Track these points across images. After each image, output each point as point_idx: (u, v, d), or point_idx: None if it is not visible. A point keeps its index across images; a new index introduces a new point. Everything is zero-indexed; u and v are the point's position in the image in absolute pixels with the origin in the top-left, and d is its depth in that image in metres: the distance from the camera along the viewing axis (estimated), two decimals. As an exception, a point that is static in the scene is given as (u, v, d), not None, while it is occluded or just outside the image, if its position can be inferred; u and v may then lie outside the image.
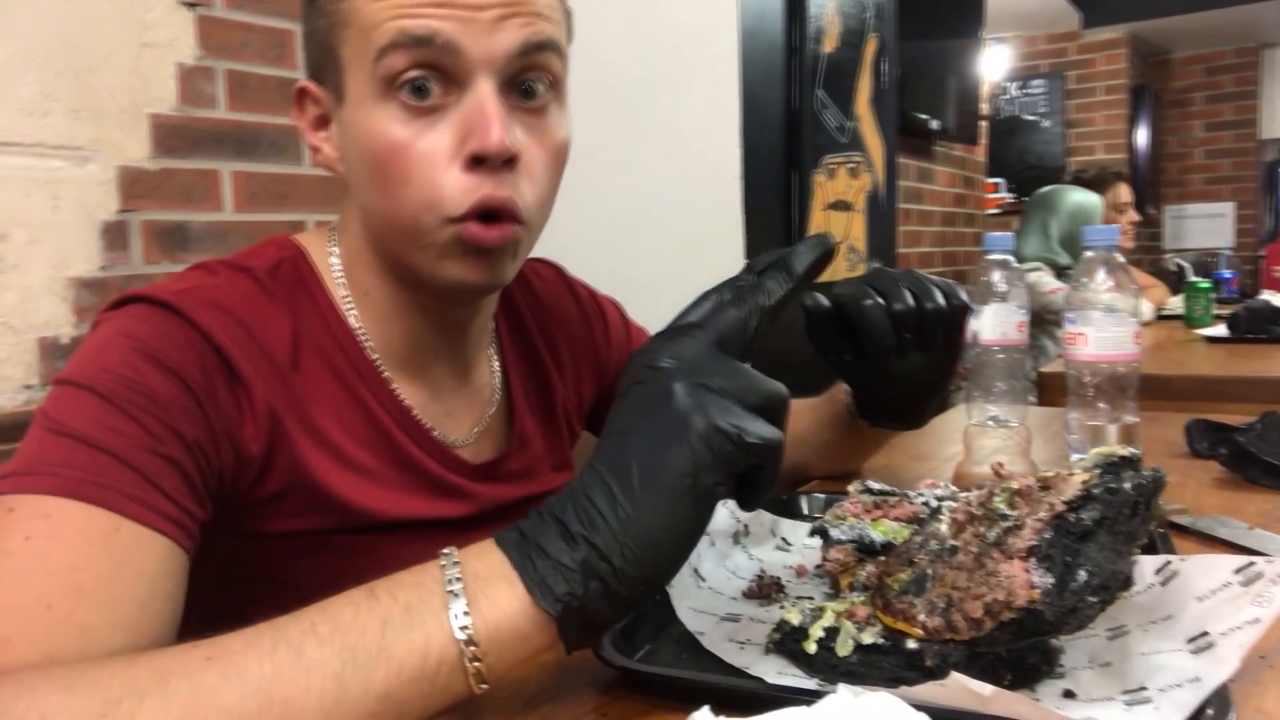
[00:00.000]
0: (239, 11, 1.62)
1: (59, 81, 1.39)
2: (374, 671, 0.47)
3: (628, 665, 0.57)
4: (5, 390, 1.34)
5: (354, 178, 0.71)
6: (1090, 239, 1.10)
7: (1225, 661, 0.50)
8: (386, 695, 0.47)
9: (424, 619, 0.49)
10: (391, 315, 0.75)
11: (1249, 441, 1.02)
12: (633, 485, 0.50)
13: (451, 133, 0.65)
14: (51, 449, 0.57)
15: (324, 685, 0.46)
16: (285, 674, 0.46)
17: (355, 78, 0.66)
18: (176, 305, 0.64)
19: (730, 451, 0.50)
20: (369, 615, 0.49)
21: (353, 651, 0.47)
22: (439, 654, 0.48)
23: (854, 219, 2.45)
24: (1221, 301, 3.50)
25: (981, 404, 1.07)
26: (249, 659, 0.46)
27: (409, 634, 0.48)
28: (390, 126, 0.65)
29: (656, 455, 0.51)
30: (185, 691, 0.45)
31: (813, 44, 2.20)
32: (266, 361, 0.68)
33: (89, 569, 0.53)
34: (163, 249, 1.51)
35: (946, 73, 3.64)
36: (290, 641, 0.47)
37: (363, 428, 0.72)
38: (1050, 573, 0.50)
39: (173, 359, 0.62)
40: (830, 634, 0.57)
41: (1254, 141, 6.69)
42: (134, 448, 0.57)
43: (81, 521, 0.54)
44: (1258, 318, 2.50)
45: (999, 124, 6.25)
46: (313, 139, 0.73)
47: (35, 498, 0.54)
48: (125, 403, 0.59)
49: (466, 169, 0.65)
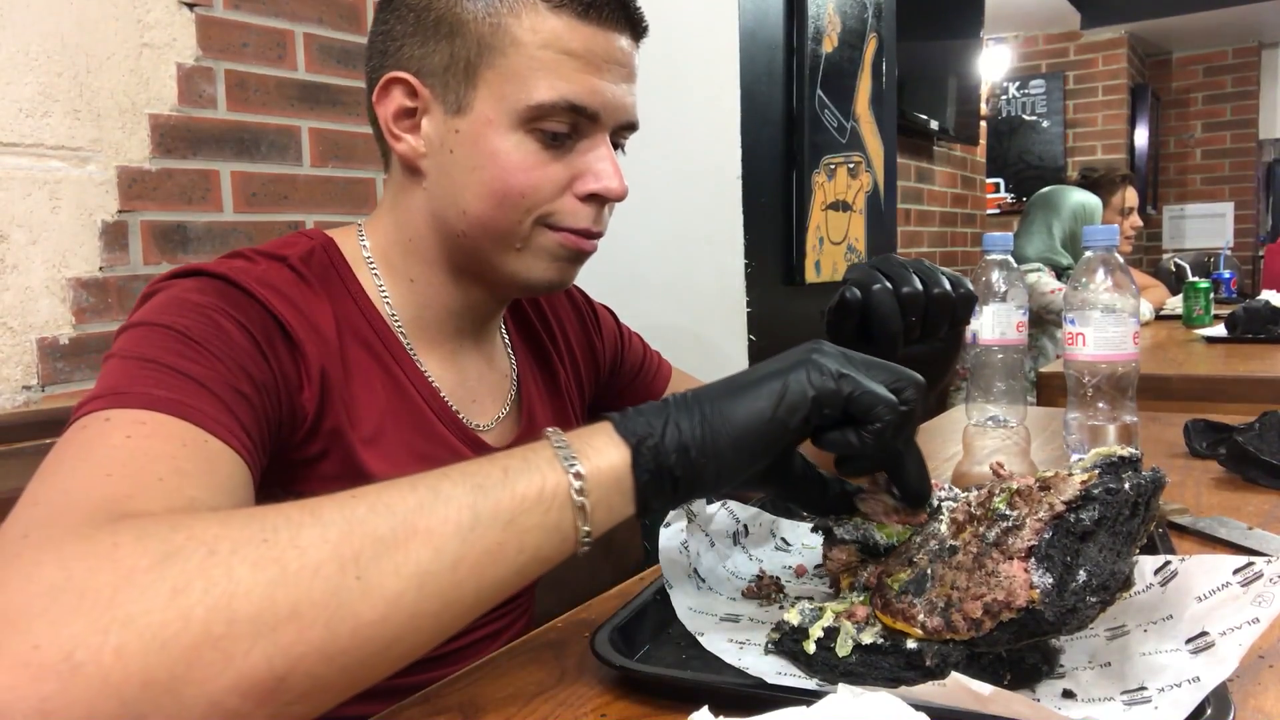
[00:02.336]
0: (238, 12, 1.62)
1: (59, 82, 1.39)
2: (500, 501, 0.52)
3: (628, 665, 0.57)
4: (4, 391, 1.34)
5: (451, 179, 0.77)
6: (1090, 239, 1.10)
7: (1225, 661, 0.50)
8: (511, 523, 0.52)
9: (539, 465, 0.54)
10: (432, 301, 0.82)
11: (1248, 441, 1.02)
12: (733, 383, 0.57)
13: (572, 169, 0.77)
14: (136, 374, 0.60)
15: (460, 514, 0.51)
16: (426, 505, 0.50)
17: (492, 103, 0.75)
18: (235, 278, 0.70)
19: (826, 385, 0.56)
20: (491, 465, 0.54)
21: (482, 488, 0.52)
22: (553, 489, 0.53)
23: (853, 219, 2.45)
24: (1220, 302, 3.50)
25: (981, 404, 1.07)
26: (393, 495, 0.51)
27: (528, 474, 0.53)
28: (520, 154, 0.75)
29: (764, 367, 0.58)
30: (339, 520, 0.48)
31: (812, 44, 2.20)
32: (316, 335, 0.73)
33: (188, 461, 0.57)
34: (162, 249, 1.51)
35: (946, 73, 3.64)
36: (426, 482, 0.52)
37: (396, 405, 0.78)
38: (1050, 573, 0.50)
39: (241, 315, 0.68)
40: (830, 634, 0.57)
41: (1253, 142, 6.69)
42: (214, 378, 0.62)
43: (175, 429, 0.58)
44: (1257, 318, 2.50)
45: (999, 124, 6.25)
46: (393, 127, 0.78)
47: (129, 411, 0.57)
48: (204, 340, 0.64)
49: (582, 200, 0.78)
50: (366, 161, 1.84)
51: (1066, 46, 6.25)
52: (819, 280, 2.29)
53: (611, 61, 0.76)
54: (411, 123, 0.78)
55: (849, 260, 2.44)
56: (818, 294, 2.33)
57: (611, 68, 0.76)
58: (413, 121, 0.77)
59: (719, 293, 2.02)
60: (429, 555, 0.49)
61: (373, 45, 0.80)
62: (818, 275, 2.28)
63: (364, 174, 1.84)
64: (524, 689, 0.58)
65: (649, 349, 1.09)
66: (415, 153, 0.78)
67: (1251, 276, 6.35)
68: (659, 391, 1.06)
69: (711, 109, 1.99)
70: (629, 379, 1.05)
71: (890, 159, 2.64)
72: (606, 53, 0.76)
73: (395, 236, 0.81)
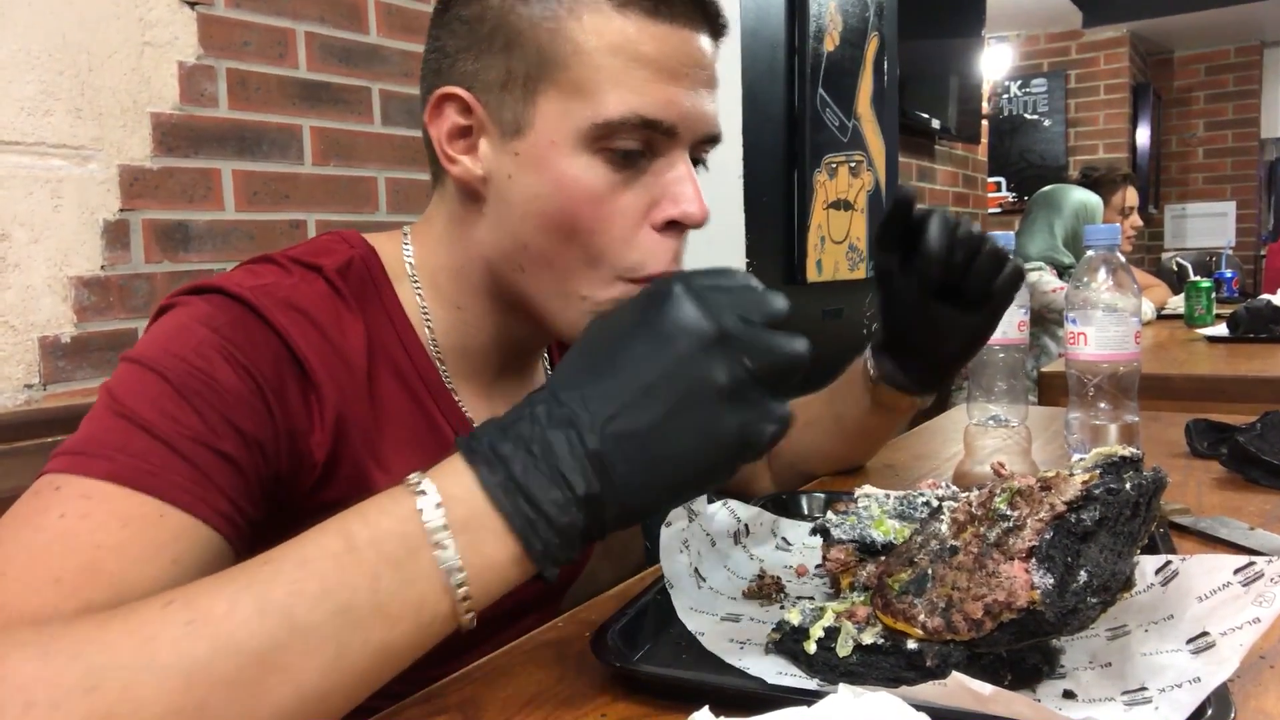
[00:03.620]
0: (240, 10, 1.62)
1: (60, 80, 1.39)
2: (371, 630, 0.47)
3: (628, 665, 0.57)
4: (5, 390, 1.34)
5: (511, 208, 0.69)
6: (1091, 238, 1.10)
7: (1226, 662, 0.50)
8: (384, 648, 0.48)
9: (416, 577, 0.48)
10: (477, 333, 0.75)
11: (1249, 441, 1.02)
12: (632, 396, 0.49)
13: (648, 194, 0.68)
14: (110, 430, 0.57)
15: (323, 647, 0.46)
16: (282, 642, 0.45)
17: (554, 121, 0.66)
18: (255, 303, 0.64)
19: (751, 339, 0.49)
20: (355, 571, 0.47)
21: (346, 613, 0.46)
22: (433, 609, 0.49)
23: (855, 218, 2.45)
24: (1222, 301, 3.49)
25: (982, 403, 1.07)
26: (237, 626, 0.45)
27: (403, 592, 0.48)
28: (590, 178, 0.66)
29: (658, 358, 0.49)
30: (174, 665, 0.43)
31: (814, 43, 2.19)
32: (342, 367, 0.67)
33: (115, 550, 0.52)
34: (163, 248, 1.51)
35: (948, 72, 3.64)
36: (278, 604, 0.45)
37: (426, 438, 0.72)
38: (1051, 573, 0.50)
39: (247, 354, 0.62)
40: (830, 634, 0.57)
41: (1255, 140, 6.68)
42: (192, 440, 0.57)
43: (122, 505, 0.53)
44: (1258, 317, 2.50)
45: (1000, 123, 6.25)
46: (448, 148, 0.70)
47: (82, 479, 0.54)
48: (190, 392, 0.58)
49: (661, 230, 0.69)
50: (368, 160, 1.84)
51: (1068, 45, 6.24)
52: (820, 279, 2.29)
53: (689, 65, 0.67)
54: (468, 143, 0.70)
55: (850, 259, 2.43)
56: (819, 293, 2.32)
57: (689, 72, 0.67)
58: (469, 142, 0.69)
59: (720, 292, 2.02)
60: (289, 695, 0.45)
61: (426, 64, 0.73)
62: (819, 274, 2.28)
63: (365, 173, 1.84)
64: (524, 689, 0.58)
65: None
66: (472, 176, 0.69)
67: (1253, 276, 6.35)
68: None
69: (713, 108, 1.99)
70: None
71: (892, 158, 2.64)
72: (682, 55, 0.67)
73: (446, 261, 0.74)
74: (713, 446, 0.50)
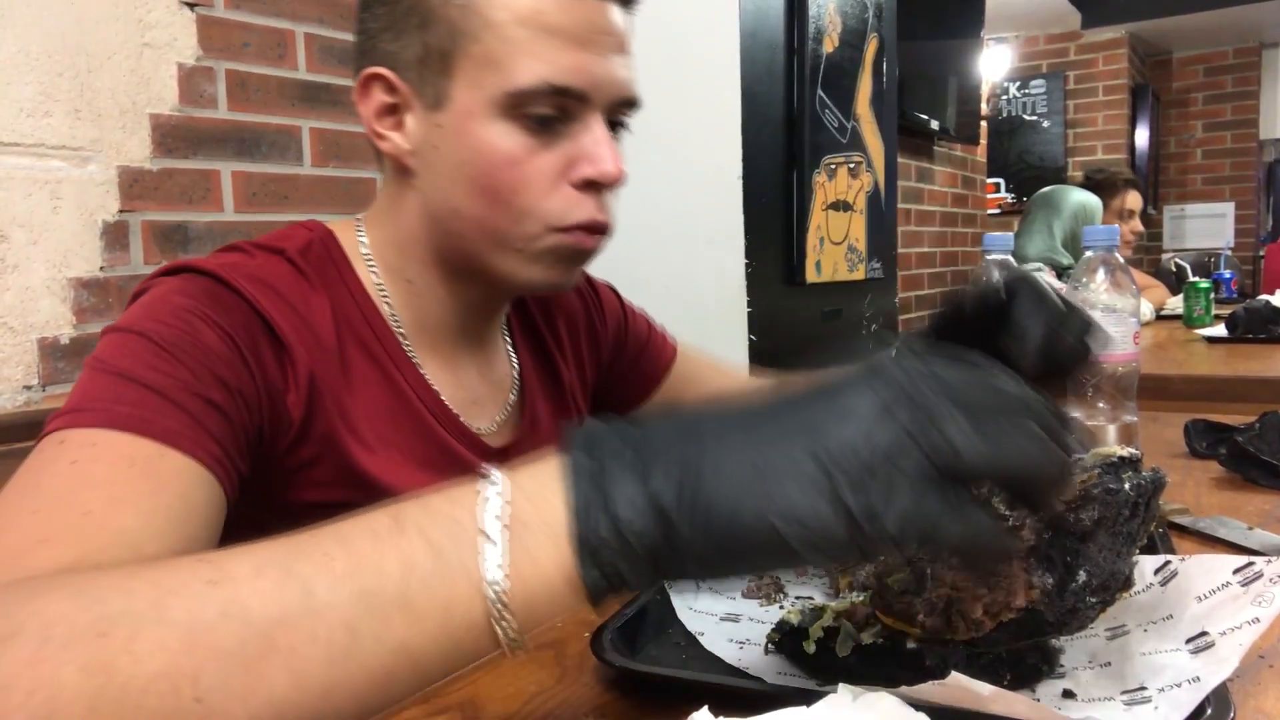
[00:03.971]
0: (239, 12, 1.62)
1: (59, 82, 1.39)
2: (390, 623, 0.41)
3: (628, 665, 0.57)
4: (5, 390, 1.34)
5: (440, 177, 0.73)
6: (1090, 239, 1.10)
7: (1225, 661, 0.50)
8: (403, 648, 0.42)
9: (453, 569, 0.42)
10: (432, 304, 0.79)
11: (1248, 441, 1.02)
12: (760, 440, 0.41)
13: (565, 155, 0.72)
14: (101, 387, 0.60)
15: (332, 634, 0.41)
16: (292, 618, 0.41)
17: (471, 91, 0.70)
18: (224, 276, 0.68)
19: (912, 464, 0.39)
20: (392, 553, 0.42)
21: (369, 598, 0.41)
22: (465, 613, 0.42)
23: (854, 219, 2.45)
24: (1221, 302, 3.49)
25: (981, 404, 1.07)
26: (254, 593, 0.41)
27: (433, 584, 0.42)
28: (507, 143, 0.70)
29: (803, 431, 0.40)
30: (183, 623, 0.40)
31: (813, 44, 2.20)
32: (311, 335, 0.71)
33: (129, 484, 0.55)
34: (163, 249, 1.51)
35: (947, 73, 3.64)
36: (301, 576, 0.42)
37: (394, 407, 0.75)
38: (1050, 573, 0.50)
39: (222, 317, 0.65)
40: (830, 634, 0.57)
41: (1254, 142, 6.69)
42: (181, 388, 0.60)
43: (126, 448, 0.56)
44: (1257, 318, 2.50)
45: (999, 124, 6.25)
46: (376, 125, 0.74)
47: (84, 430, 0.57)
48: (173, 347, 0.62)
49: (578, 188, 0.72)
50: (367, 161, 1.84)
51: (1067, 46, 6.25)
52: (819, 280, 2.29)
53: (598, 32, 0.70)
54: (395, 120, 0.74)
55: (849, 260, 2.44)
56: (818, 294, 2.33)
57: (598, 39, 0.70)
58: (396, 119, 0.74)
59: (719, 293, 2.02)
60: (287, 682, 0.40)
61: (354, 46, 0.78)
62: (818, 275, 2.28)
63: (365, 174, 1.84)
64: (524, 689, 0.58)
65: (654, 327, 1.04)
66: (401, 150, 0.74)
67: (1252, 276, 6.35)
68: (663, 373, 1.01)
69: (711, 109, 1.99)
70: (633, 359, 1.01)
71: (891, 159, 2.64)
72: (591, 23, 0.70)
73: (392, 236, 0.78)
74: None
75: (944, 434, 0.39)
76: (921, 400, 0.40)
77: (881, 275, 2.61)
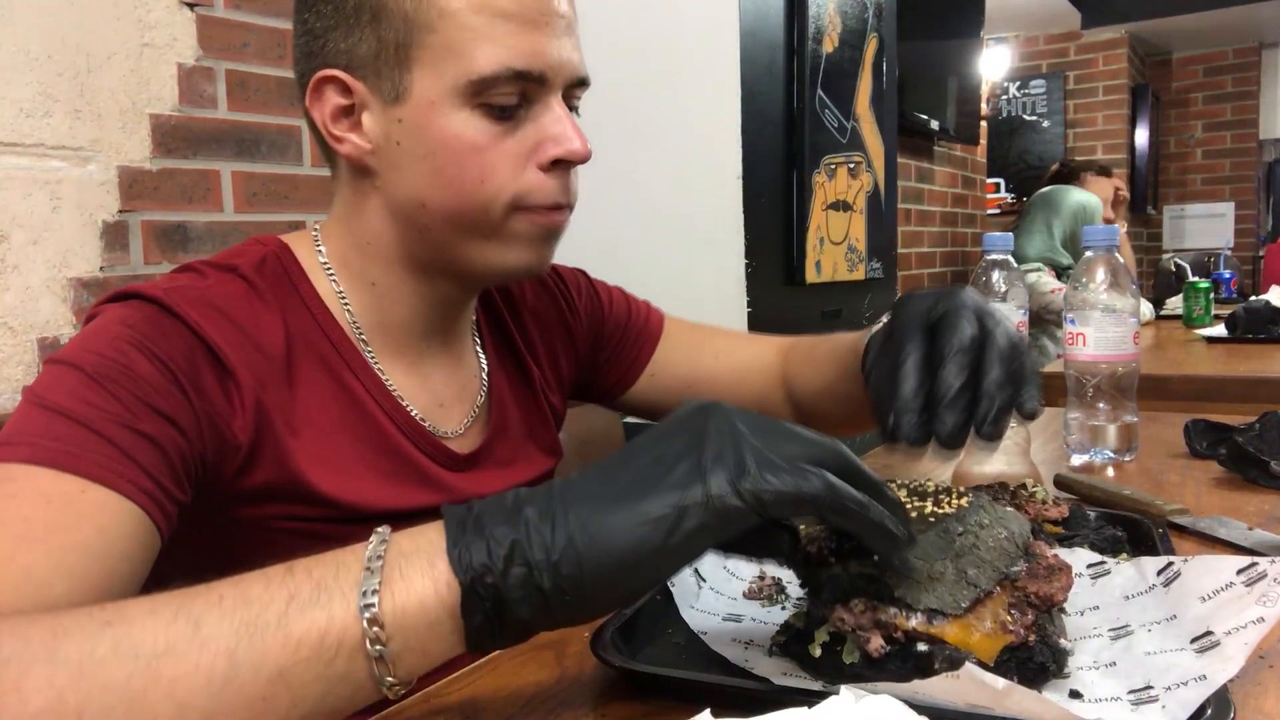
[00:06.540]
0: (239, 11, 1.62)
1: (59, 82, 1.39)
2: (267, 648, 0.44)
3: (628, 665, 0.57)
4: (4, 391, 1.34)
5: (403, 173, 0.72)
6: (1090, 239, 1.10)
7: (1231, 659, 0.50)
8: (279, 675, 0.44)
9: (331, 596, 0.46)
10: (396, 305, 0.78)
11: (1248, 442, 1.02)
12: (613, 479, 0.49)
13: (528, 138, 0.72)
14: (32, 421, 0.59)
15: (214, 663, 0.43)
16: (178, 649, 0.43)
17: (432, 82, 0.70)
18: (167, 302, 0.67)
19: (734, 508, 0.47)
20: (278, 589, 0.46)
21: (249, 627, 0.44)
22: (339, 634, 0.45)
23: (854, 219, 2.45)
24: (1221, 302, 3.50)
25: (982, 404, 1.07)
26: (145, 630, 0.44)
27: (311, 610, 0.45)
28: (470, 131, 0.70)
29: (653, 474, 0.48)
30: (74, 661, 0.43)
31: (813, 44, 2.20)
32: (259, 356, 0.70)
33: (41, 522, 0.54)
34: (163, 249, 1.51)
35: (946, 73, 3.64)
36: (192, 613, 0.45)
37: (351, 419, 0.74)
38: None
39: (160, 347, 0.64)
40: (835, 639, 0.57)
41: (1254, 142, 6.69)
42: (110, 421, 0.59)
43: (45, 484, 0.56)
44: (1257, 318, 2.50)
45: (999, 124, 6.25)
46: (333, 129, 0.73)
47: (6, 466, 0.57)
48: (106, 380, 0.61)
49: (545, 169, 0.72)
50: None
51: (1067, 46, 6.25)
52: (819, 280, 2.29)
53: (548, 14, 0.70)
54: (351, 121, 0.72)
55: (849, 260, 2.44)
56: (818, 294, 2.33)
57: (550, 20, 0.70)
58: (352, 120, 0.72)
59: (719, 293, 2.02)
60: (170, 712, 0.43)
61: (297, 48, 0.75)
62: (818, 275, 2.28)
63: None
64: (524, 689, 0.58)
65: (634, 301, 1.02)
66: (361, 151, 0.73)
67: (1252, 276, 6.35)
68: (651, 346, 0.99)
69: (711, 109, 1.99)
70: (617, 339, 0.99)
71: (891, 159, 2.64)
72: (541, 5, 0.70)
73: (351, 241, 0.77)
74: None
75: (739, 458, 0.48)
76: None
77: (881, 275, 2.61)
